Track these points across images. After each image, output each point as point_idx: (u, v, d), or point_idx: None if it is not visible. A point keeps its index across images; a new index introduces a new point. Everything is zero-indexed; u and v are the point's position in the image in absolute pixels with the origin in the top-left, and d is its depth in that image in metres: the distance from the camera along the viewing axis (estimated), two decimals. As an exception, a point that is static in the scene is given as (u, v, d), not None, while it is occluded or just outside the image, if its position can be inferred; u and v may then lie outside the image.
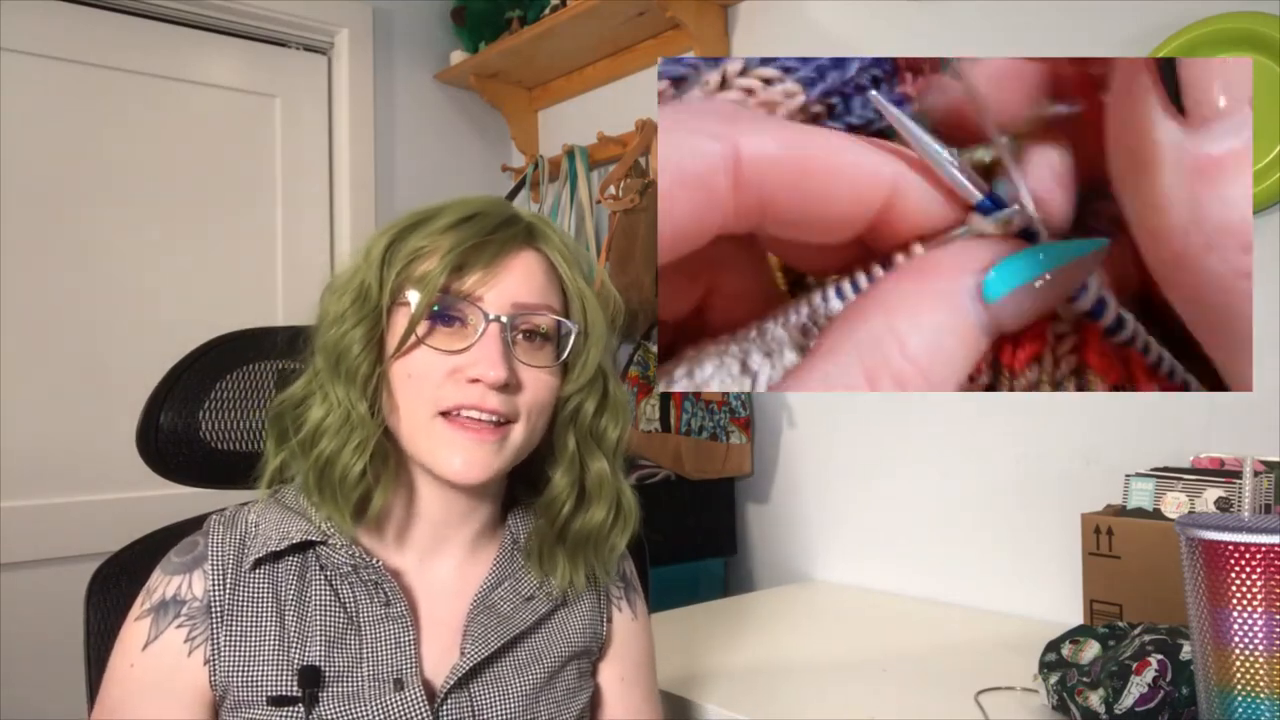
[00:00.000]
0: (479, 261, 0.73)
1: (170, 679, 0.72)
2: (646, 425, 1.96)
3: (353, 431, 0.73)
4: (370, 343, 0.74)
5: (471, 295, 0.73)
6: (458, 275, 0.73)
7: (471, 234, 0.74)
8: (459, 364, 0.73)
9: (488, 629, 0.77)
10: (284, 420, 0.77)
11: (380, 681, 0.73)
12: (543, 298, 0.76)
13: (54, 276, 1.91)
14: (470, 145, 2.50)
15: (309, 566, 0.75)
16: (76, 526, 1.86)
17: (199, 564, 0.74)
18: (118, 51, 2.01)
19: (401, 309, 0.74)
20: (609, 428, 0.81)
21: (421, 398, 0.73)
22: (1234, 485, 1.13)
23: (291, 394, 0.77)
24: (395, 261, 0.74)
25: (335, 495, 0.73)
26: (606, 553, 0.82)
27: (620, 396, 0.82)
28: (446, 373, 0.73)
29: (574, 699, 0.82)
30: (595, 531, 0.80)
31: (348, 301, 0.74)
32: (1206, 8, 1.27)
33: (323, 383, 0.74)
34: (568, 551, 0.81)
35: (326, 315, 0.76)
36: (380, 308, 0.74)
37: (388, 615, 0.75)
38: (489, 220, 0.75)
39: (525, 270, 0.75)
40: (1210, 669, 0.69)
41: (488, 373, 0.71)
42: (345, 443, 0.72)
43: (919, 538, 1.65)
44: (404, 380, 0.74)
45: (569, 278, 0.79)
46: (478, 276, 0.73)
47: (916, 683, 1.15)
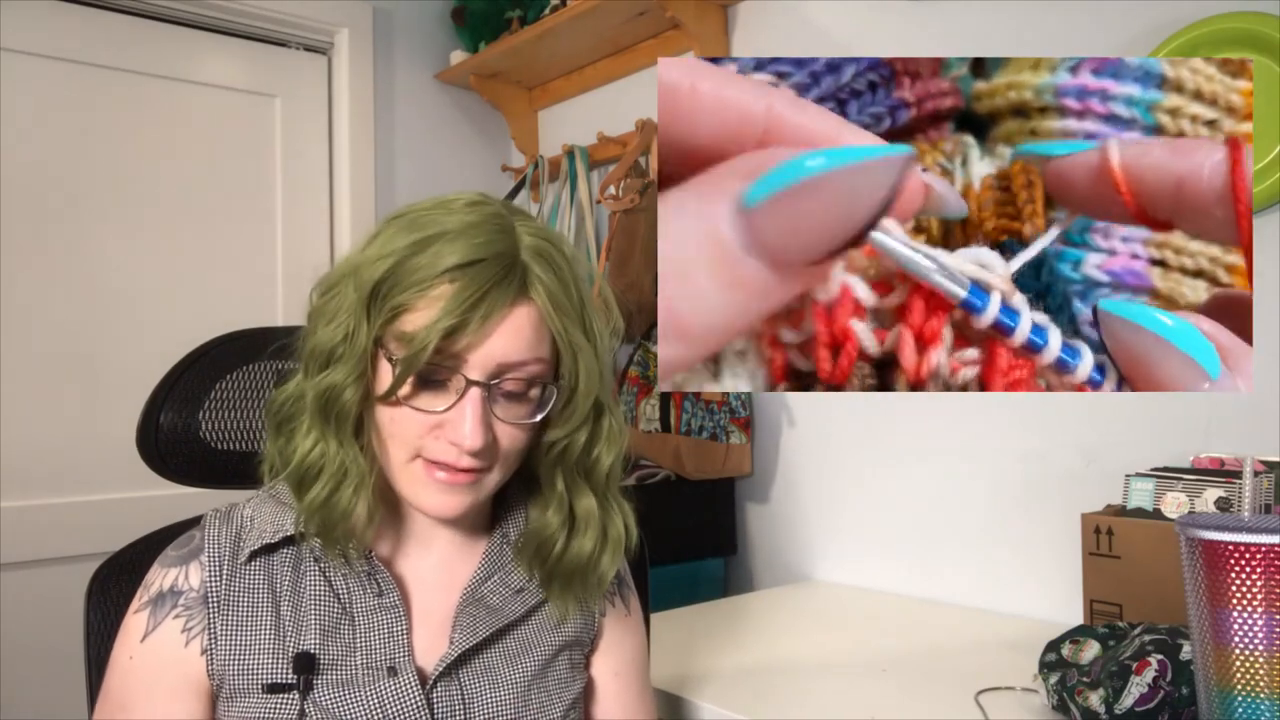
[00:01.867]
0: (469, 325, 0.69)
1: (169, 670, 0.73)
2: (646, 425, 1.96)
3: (346, 475, 0.73)
4: (358, 382, 0.72)
5: (458, 357, 0.70)
6: (447, 339, 0.70)
7: (466, 296, 0.69)
8: (438, 422, 0.72)
9: (476, 620, 0.78)
10: (279, 417, 0.77)
11: (374, 669, 0.74)
12: (530, 353, 0.73)
13: (54, 276, 1.91)
14: (470, 145, 2.50)
15: (303, 558, 0.77)
16: (76, 526, 1.87)
17: (195, 556, 0.75)
18: (118, 51, 2.01)
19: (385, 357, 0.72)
20: (601, 456, 0.80)
21: (403, 445, 0.73)
22: (1234, 485, 1.13)
23: (285, 392, 0.77)
24: (382, 308, 0.70)
25: (338, 540, 0.74)
26: (594, 583, 0.81)
27: (615, 424, 0.80)
28: (429, 427, 0.72)
29: (566, 690, 0.82)
30: (585, 561, 0.80)
31: (338, 336, 0.72)
32: (1206, 8, 1.28)
33: (312, 418, 0.74)
34: (560, 585, 0.81)
35: (314, 332, 0.74)
36: (365, 351, 0.71)
37: (380, 605, 0.76)
38: (486, 273, 0.70)
39: (514, 328, 0.71)
40: (1210, 669, 0.69)
41: (464, 440, 0.70)
42: (339, 485, 0.73)
43: (919, 538, 1.65)
44: (387, 423, 0.73)
45: (559, 330, 0.74)
46: (465, 342, 0.70)
47: (916, 683, 1.15)
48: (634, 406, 1.99)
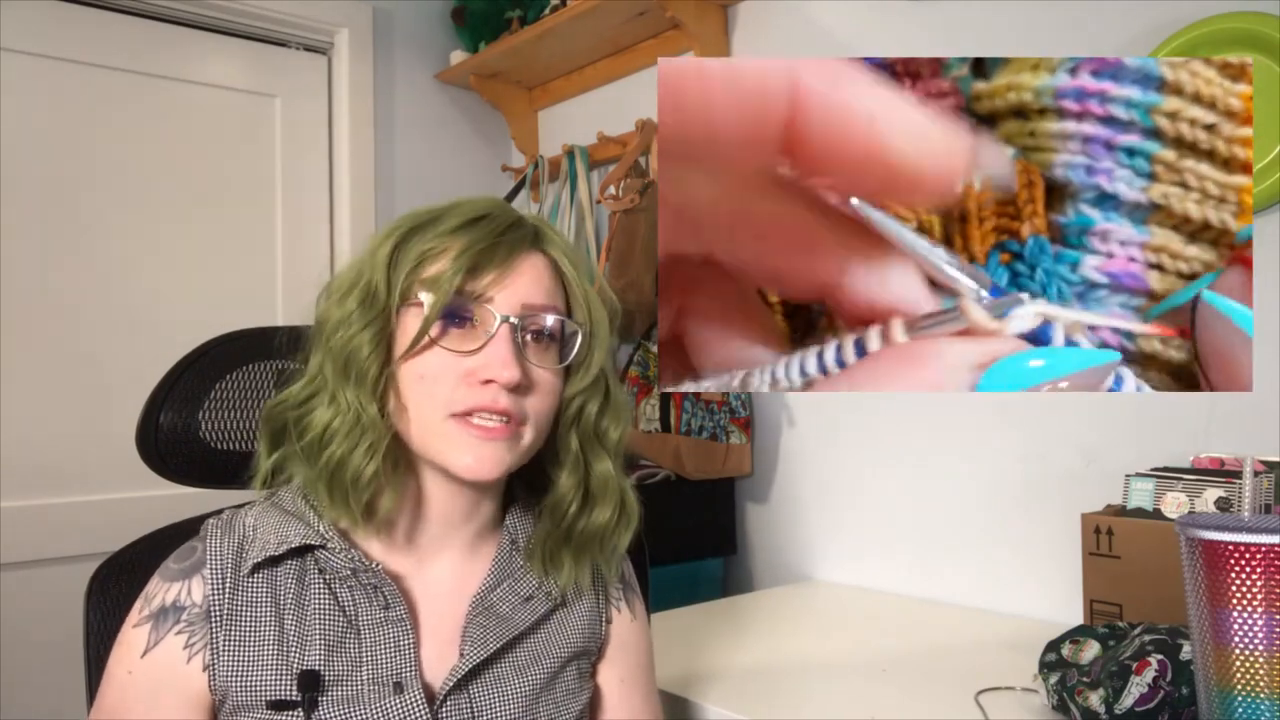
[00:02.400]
0: (491, 263, 0.73)
1: (169, 685, 0.72)
2: (646, 425, 1.96)
3: (364, 434, 0.72)
4: (379, 344, 0.73)
5: (484, 296, 0.73)
6: (471, 276, 0.73)
7: (483, 236, 0.74)
8: (472, 366, 0.73)
9: (486, 630, 0.77)
10: (281, 422, 0.76)
11: (380, 685, 0.73)
12: (550, 299, 0.76)
13: (54, 276, 1.91)
14: (470, 145, 2.50)
15: (308, 570, 0.75)
16: (76, 526, 1.86)
17: (198, 569, 0.74)
18: (118, 51, 2.01)
19: (411, 310, 0.74)
20: (611, 428, 0.81)
21: (434, 400, 0.73)
22: (1234, 485, 1.13)
23: (291, 396, 0.76)
24: (403, 263, 0.74)
25: (347, 498, 0.73)
26: (610, 552, 0.83)
27: (620, 397, 0.83)
28: (460, 375, 0.73)
29: (574, 700, 0.82)
30: (601, 531, 0.81)
31: (354, 304, 0.74)
32: (1206, 8, 1.28)
33: (330, 385, 0.74)
34: (573, 552, 0.81)
35: (329, 318, 0.76)
36: (389, 309, 0.74)
37: (387, 618, 0.75)
38: (498, 222, 0.75)
39: (534, 272, 0.76)
40: (1210, 669, 0.69)
41: (501, 373, 0.72)
42: (356, 445, 0.72)
43: (919, 538, 1.65)
44: (415, 381, 0.73)
45: (574, 280, 0.79)
46: (491, 278, 0.73)
47: (916, 683, 1.15)
48: (634, 406, 1.99)
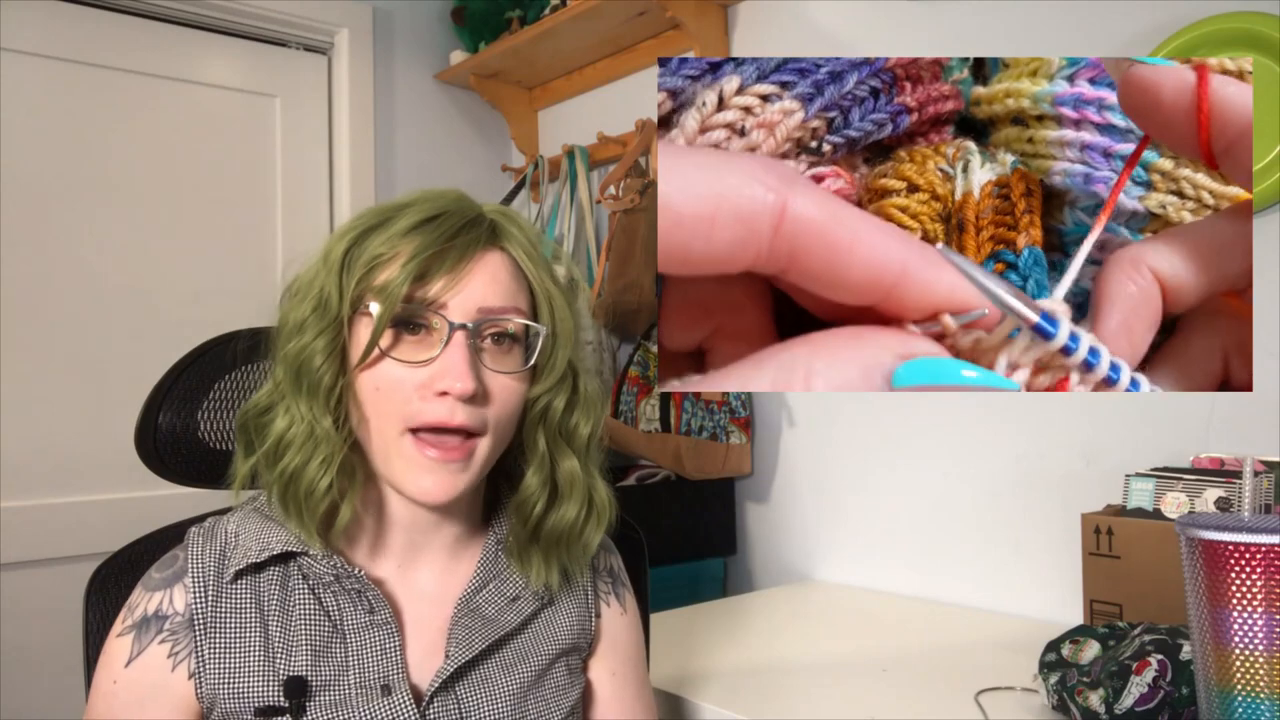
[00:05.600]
0: (442, 267, 0.71)
1: (155, 695, 0.71)
2: (646, 425, 1.96)
3: (317, 446, 0.71)
4: (332, 353, 0.72)
5: (435, 302, 0.71)
6: (421, 283, 0.70)
7: (434, 238, 0.71)
8: (426, 378, 0.71)
9: (471, 632, 0.77)
10: (249, 429, 0.76)
11: (367, 688, 0.73)
12: (509, 300, 0.74)
13: (53, 276, 1.91)
14: (470, 145, 2.50)
15: (291, 576, 0.75)
16: (76, 526, 1.87)
17: (180, 578, 0.74)
18: (118, 51, 2.01)
19: (364, 318, 0.72)
20: (580, 424, 0.80)
21: (390, 414, 0.72)
22: (1234, 485, 1.13)
23: (255, 402, 0.76)
24: (355, 268, 0.71)
25: (300, 510, 0.72)
26: (580, 551, 0.81)
27: (591, 392, 0.81)
28: (415, 387, 0.71)
29: (563, 697, 0.81)
30: (568, 530, 0.79)
31: (308, 310, 0.73)
32: (1206, 8, 1.28)
33: (285, 394, 0.73)
34: (541, 550, 0.80)
35: (286, 322, 0.75)
36: (341, 318, 0.72)
37: (372, 622, 0.75)
38: (451, 221, 0.72)
39: (490, 273, 0.73)
40: (1210, 669, 0.69)
41: (454, 385, 0.70)
42: (310, 458, 0.71)
43: (919, 538, 1.65)
44: (371, 393, 0.72)
45: (535, 277, 0.77)
46: (441, 283, 0.71)
47: (916, 683, 1.15)
48: (634, 406, 1.99)
